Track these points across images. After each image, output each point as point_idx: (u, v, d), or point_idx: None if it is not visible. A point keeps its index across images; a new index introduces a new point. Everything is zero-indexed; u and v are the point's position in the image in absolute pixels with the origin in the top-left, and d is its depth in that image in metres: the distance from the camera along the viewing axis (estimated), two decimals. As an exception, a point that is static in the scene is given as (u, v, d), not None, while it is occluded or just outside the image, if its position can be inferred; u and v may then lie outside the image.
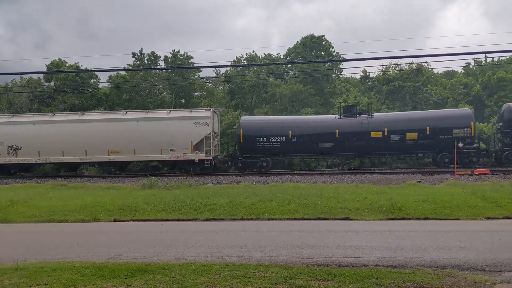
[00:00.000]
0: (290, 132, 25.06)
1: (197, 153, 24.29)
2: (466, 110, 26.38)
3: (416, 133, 24.38)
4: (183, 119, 24.72)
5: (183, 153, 24.46)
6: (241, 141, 25.44)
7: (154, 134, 24.46)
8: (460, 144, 21.42)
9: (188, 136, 24.29)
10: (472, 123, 24.16)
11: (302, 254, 7.62)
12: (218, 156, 26.29)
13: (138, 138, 24.58)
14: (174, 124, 24.59)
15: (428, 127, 24.27)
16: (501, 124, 25.37)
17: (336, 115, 26.48)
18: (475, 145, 24.44)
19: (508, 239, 8.54)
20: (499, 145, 26.06)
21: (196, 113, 25.41)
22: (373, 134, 24.64)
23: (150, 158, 25.13)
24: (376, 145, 24.70)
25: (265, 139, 25.15)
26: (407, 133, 24.47)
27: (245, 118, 27.52)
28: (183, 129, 24.42)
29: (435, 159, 25.07)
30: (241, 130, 25.51)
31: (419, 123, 24.71)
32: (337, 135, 24.82)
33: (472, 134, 24.03)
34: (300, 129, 25.34)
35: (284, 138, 25.04)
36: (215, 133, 25.32)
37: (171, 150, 24.53)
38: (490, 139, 27.86)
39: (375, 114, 26.57)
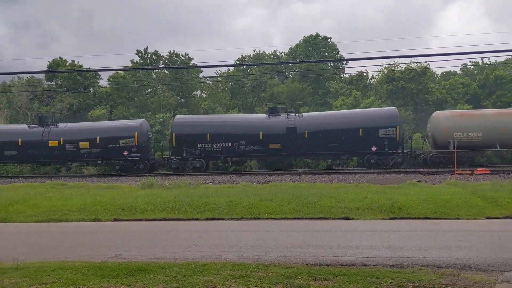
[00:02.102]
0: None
1: None
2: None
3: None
4: None
5: None
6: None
7: None
8: (125, 153, 23.22)
9: None
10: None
11: (302, 254, 7.62)
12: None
13: None
14: None
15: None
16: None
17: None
18: (140, 154, 25.20)
19: (508, 239, 8.54)
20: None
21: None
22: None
23: None
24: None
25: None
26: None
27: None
28: None
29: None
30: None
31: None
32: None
33: (136, 144, 24.96)
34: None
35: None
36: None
37: None
38: None
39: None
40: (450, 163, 23.24)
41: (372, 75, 45.25)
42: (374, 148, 23.50)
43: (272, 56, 48.89)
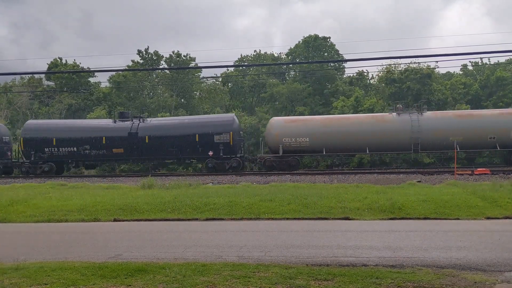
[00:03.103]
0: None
1: None
2: None
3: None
4: None
5: None
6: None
7: None
8: None
9: None
10: None
11: (302, 254, 7.62)
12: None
13: None
14: None
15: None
16: None
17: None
18: None
19: (508, 239, 8.54)
20: None
21: None
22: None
23: None
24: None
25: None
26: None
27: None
28: None
29: None
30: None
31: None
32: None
33: None
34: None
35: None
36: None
37: None
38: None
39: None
40: (285, 167, 24.51)
41: (372, 75, 45.21)
42: (211, 153, 24.67)
43: (271, 58, 48.86)
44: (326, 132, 24.41)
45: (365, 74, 43.64)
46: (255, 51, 49.78)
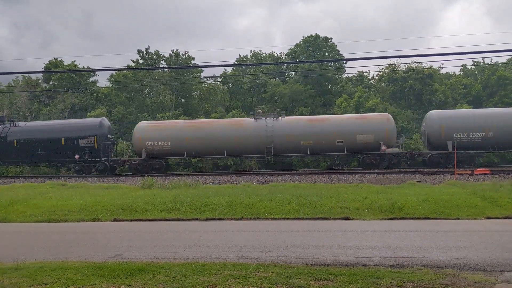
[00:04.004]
0: None
1: None
2: None
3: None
4: None
5: None
6: None
7: None
8: None
9: None
10: None
11: (302, 254, 7.61)
12: None
13: None
14: None
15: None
16: None
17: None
18: None
19: (508, 239, 8.54)
20: None
21: None
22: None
23: None
24: None
25: None
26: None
27: None
28: None
29: None
30: None
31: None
32: None
33: None
34: None
35: None
36: None
37: None
38: None
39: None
40: (149, 170, 25.39)
41: (373, 76, 45.16)
42: (77, 156, 25.65)
43: (270, 58, 48.75)
44: (187, 136, 25.40)
45: (366, 74, 43.59)
46: (251, 51, 49.82)
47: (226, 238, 9.15)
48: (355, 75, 44.88)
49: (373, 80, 44.77)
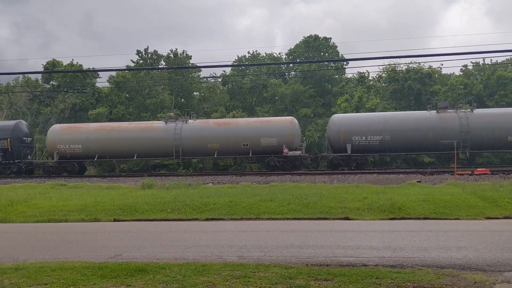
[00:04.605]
0: None
1: None
2: None
3: None
4: None
5: None
6: None
7: None
8: None
9: None
10: None
11: (302, 254, 7.62)
12: None
13: None
14: None
15: None
16: None
17: None
18: None
19: (508, 239, 8.54)
20: None
21: None
22: None
23: None
24: None
25: None
26: None
27: None
28: None
29: None
30: None
31: None
32: None
33: None
34: None
35: None
36: None
37: None
38: None
39: None
40: (61, 172, 26.01)
41: (373, 77, 45.13)
42: None
43: (270, 58, 48.72)
44: (98, 139, 25.75)
45: (366, 74, 43.53)
46: (248, 52, 49.72)
47: (226, 238, 9.15)
48: (355, 75, 44.82)
49: (372, 81, 44.72)
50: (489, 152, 25.88)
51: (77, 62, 42.83)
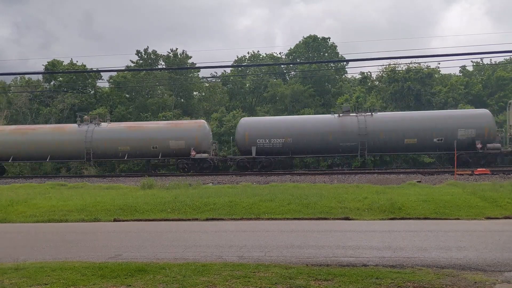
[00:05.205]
0: None
1: None
2: None
3: None
4: None
5: None
6: None
7: None
8: None
9: None
10: None
11: (302, 254, 7.61)
12: None
13: None
14: None
15: None
16: None
17: None
18: None
19: (508, 239, 8.54)
20: None
21: None
22: None
23: None
24: None
25: None
26: None
27: None
28: None
29: None
30: None
31: None
32: None
33: None
34: None
35: None
36: None
37: None
38: None
39: None
40: None
41: (373, 78, 45.13)
42: None
43: (270, 58, 48.69)
44: (12, 141, 26.12)
45: (369, 75, 43.46)
46: (248, 52, 49.74)
47: (226, 238, 9.15)
48: (355, 76, 44.83)
49: (375, 81, 44.68)
50: (387, 154, 26.62)
51: (78, 62, 42.82)
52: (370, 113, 24.90)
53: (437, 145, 23.91)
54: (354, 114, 25.08)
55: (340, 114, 25.12)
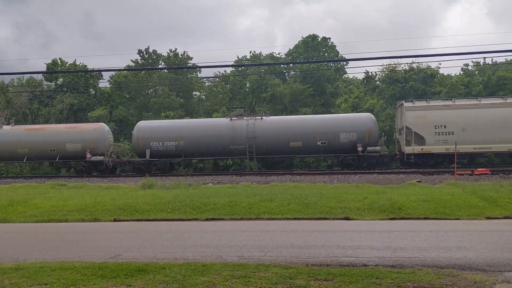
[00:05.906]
0: None
1: None
2: None
3: None
4: None
5: None
6: None
7: None
8: None
9: None
10: None
11: (302, 254, 7.61)
12: None
13: None
14: None
15: None
16: None
17: None
18: None
19: (508, 239, 8.54)
20: None
21: None
22: None
23: None
24: None
25: None
26: None
27: None
28: None
29: None
30: None
31: None
32: None
33: None
34: None
35: None
36: None
37: None
38: None
39: None
40: None
41: (378, 77, 45.10)
42: None
43: (269, 58, 48.69)
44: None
45: (372, 74, 43.40)
46: (250, 51, 49.70)
47: (226, 238, 9.15)
48: (356, 76, 44.82)
49: (378, 81, 44.66)
50: (274, 156, 27.12)
51: (79, 62, 42.80)
52: (260, 117, 25.54)
53: (321, 148, 24.56)
54: (246, 118, 25.66)
55: (233, 118, 25.70)
